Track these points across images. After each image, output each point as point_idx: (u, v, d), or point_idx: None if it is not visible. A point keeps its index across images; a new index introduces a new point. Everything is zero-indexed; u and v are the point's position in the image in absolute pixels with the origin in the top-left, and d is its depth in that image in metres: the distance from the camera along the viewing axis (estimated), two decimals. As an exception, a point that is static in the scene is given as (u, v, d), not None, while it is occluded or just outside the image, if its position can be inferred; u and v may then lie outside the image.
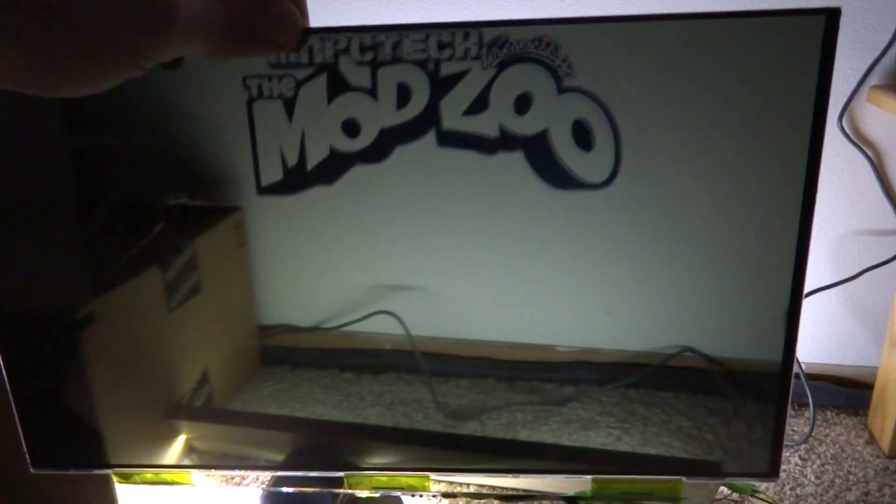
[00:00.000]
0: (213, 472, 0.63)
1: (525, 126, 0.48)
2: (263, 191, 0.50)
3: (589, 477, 0.57)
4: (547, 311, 0.54)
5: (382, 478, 0.60)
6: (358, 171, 0.51)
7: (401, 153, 0.49)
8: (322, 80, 0.47)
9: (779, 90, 0.46)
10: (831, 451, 0.87)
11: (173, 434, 0.62)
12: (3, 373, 0.58)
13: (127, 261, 0.56)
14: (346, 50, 0.46)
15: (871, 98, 0.84)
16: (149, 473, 0.62)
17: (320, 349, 0.57)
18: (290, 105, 0.47)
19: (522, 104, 0.47)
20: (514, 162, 0.48)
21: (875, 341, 0.96)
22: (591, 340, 0.54)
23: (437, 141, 0.48)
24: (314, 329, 0.56)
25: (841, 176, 0.89)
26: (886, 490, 0.80)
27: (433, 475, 0.60)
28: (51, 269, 0.57)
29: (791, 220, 0.48)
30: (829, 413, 0.94)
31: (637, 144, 0.48)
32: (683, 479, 0.57)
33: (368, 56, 0.46)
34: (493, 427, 0.57)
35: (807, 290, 0.51)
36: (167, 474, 0.62)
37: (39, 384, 0.59)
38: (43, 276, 0.57)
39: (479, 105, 0.48)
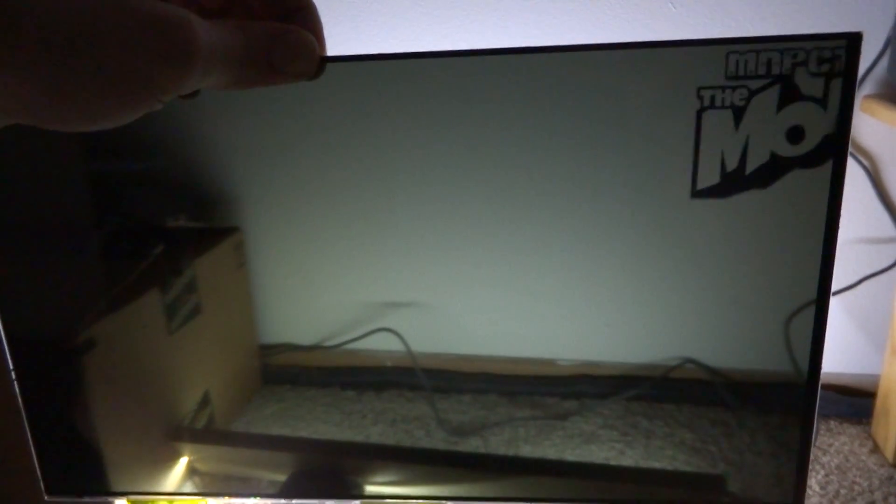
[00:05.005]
0: (225, 499, 0.63)
1: None
2: (698, 194, 0.49)
3: None
4: (547, 324, 0.54)
5: None
6: (356, 191, 0.51)
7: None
8: (775, 91, 0.46)
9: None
10: (835, 460, 0.86)
11: (181, 458, 0.61)
12: (19, 399, 0.58)
13: (130, 283, 0.56)
14: (804, 63, 0.45)
15: (865, 108, 0.85)
16: (163, 502, 0.62)
17: (321, 367, 0.57)
18: (739, 113, 0.47)
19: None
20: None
21: (876, 349, 0.96)
22: (592, 353, 0.54)
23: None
24: (315, 347, 0.56)
25: (837, 185, 0.89)
26: (892, 499, 0.80)
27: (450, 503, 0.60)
28: (56, 294, 0.57)
29: (811, 226, 0.48)
30: (832, 422, 0.94)
31: (645, 158, 0.48)
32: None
33: (825, 67, 0.45)
34: (496, 443, 0.57)
35: (805, 300, 0.51)
36: (182, 502, 0.62)
37: (51, 409, 0.59)
38: (50, 302, 0.57)
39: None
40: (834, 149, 0.46)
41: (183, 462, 0.62)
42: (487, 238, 0.51)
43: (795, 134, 0.46)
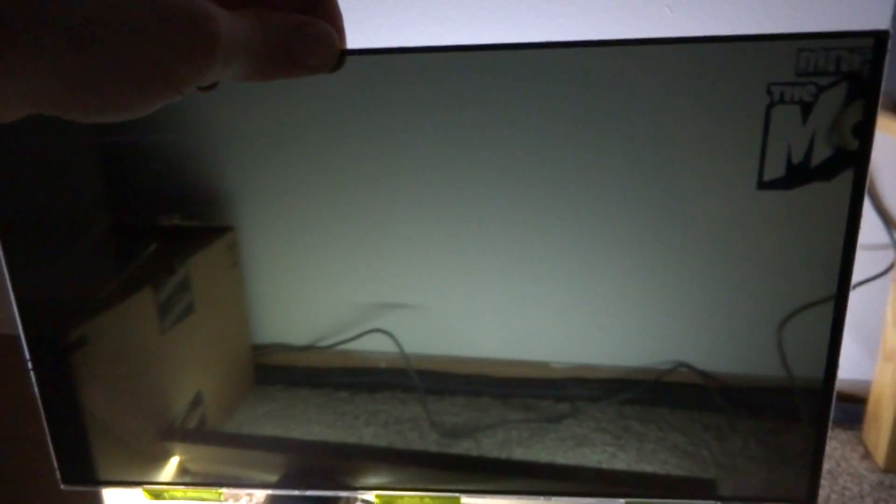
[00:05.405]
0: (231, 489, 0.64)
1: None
2: (764, 185, 0.49)
3: (622, 500, 0.57)
4: (541, 327, 0.54)
5: (412, 499, 0.60)
6: (350, 191, 0.51)
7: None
8: (842, 87, 0.46)
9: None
10: (826, 466, 0.87)
11: (189, 451, 0.61)
12: (35, 389, 0.59)
13: (123, 281, 0.56)
14: (871, 60, 0.45)
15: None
16: (178, 491, 0.62)
17: (314, 368, 0.57)
18: (807, 109, 0.47)
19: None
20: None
21: (868, 355, 0.96)
22: (586, 356, 0.54)
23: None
24: (308, 348, 0.56)
25: (831, 191, 0.90)
26: (882, 505, 0.80)
27: (464, 497, 0.60)
28: (56, 289, 0.57)
29: (817, 228, 0.49)
30: (823, 428, 0.94)
31: (644, 159, 0.48)
32: (719, 503, 0.56)
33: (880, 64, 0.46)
34: (489, 445, 0.57)
35: (798, 305, 0.51)
36: (195, 491, 0.62)
37: (64, 402, 0.60)
38: (54, 296, 0.57)
39: None
40: (863, 150, 0.46)
41: (188, 456, 0.61)
42: (482, 240, 0.51)
43: (859, 130, 0.47)
